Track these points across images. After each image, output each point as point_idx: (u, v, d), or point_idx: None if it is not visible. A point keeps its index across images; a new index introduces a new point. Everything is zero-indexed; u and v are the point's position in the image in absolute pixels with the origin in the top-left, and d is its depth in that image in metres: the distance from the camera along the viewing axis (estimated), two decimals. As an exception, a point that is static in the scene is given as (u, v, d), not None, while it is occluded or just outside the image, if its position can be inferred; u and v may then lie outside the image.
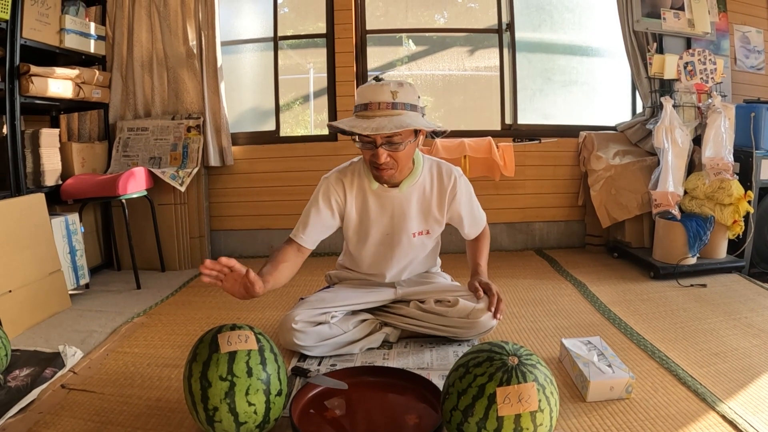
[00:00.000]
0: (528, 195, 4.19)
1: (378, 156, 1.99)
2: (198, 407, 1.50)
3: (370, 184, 2.18)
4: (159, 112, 3.97)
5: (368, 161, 2.08)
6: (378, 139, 1.96)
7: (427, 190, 2.24)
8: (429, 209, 2.25)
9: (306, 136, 4.44)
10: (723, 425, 1.65)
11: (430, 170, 2.25)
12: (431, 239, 2.36)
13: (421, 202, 2.24)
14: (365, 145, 2.02)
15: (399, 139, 1.97)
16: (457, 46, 4.34)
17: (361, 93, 2.03)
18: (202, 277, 1.77)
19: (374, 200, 2.22)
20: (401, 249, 2.29)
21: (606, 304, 2.84)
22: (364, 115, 1.98)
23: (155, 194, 3.71)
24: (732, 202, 3.29)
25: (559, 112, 4.36)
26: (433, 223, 2.28)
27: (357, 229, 2.28)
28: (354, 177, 2.22)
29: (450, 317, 2.21)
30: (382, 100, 1.96)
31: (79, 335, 2.56)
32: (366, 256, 2.34)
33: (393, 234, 2.26)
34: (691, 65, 3.66)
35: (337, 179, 2.22)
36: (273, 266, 2.04)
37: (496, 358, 1.42)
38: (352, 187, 2.21)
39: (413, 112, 2.00)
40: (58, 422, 1.74)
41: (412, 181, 2.18)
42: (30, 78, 2.94)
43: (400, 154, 2.02)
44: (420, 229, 2.27)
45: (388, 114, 1.95)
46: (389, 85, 1.99)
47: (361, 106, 2.00)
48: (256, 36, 4.28)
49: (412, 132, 2.02)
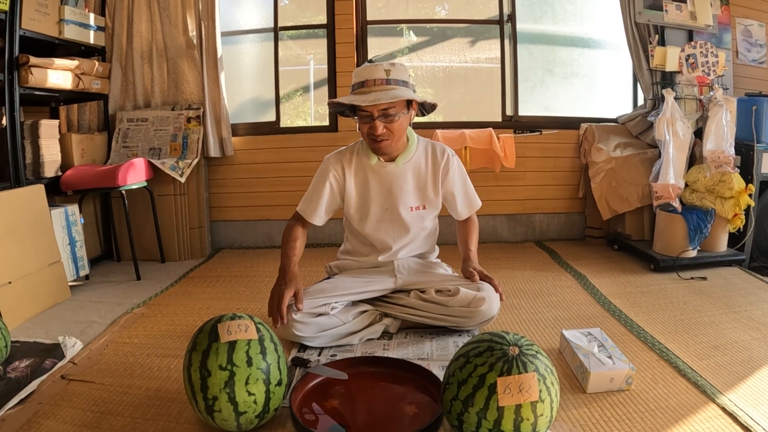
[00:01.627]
0: (528, 187, 4.18)
1: (375, 128, 2.15)
2: (197, 397, 1.50)
3: (369, 160, 2.33)
4: (159, 102, 3.95)
5: (366, 134, 2.23)
6: (375, 111, 2.14)
7: (422, 166, 2.38)
8: (425, 185, 2.38)
9: (306, 126, 4.43)
10: (722, 417, 1.65)
11: (425, 148, 2.41)
12: (428, 215, 2.43)
13: (417, 177, 2.38)
14: (363, 118, 2.19)
15: (394, 110, 2.15)
16: (458, 38, 4.32)
17: (357, 73, 2.22)
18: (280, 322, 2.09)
19: (373, 176, 2.35)
20: (401, 223, 2.38)
21: (606, 296, 2.84)
22: (361, 92, 2.16)
23: (155, 185, 3.70)
24: (733, 196, 3.28)
25: (560, 104, 4.34)
26: (428, 198, 2.39)
27: (358, 205, 2.39)
28: (353, 156, 2.38)
29: (451, 306, 2.22)
30: (377, 77, 2.15)
31: (79, 326, 2.56)
32: (369, 232, 2.41)
33: (392, 208, 2.36)
34: (693, 58, 3.65)
35: (337, 159, 2.38)
36: (291, 247, 2.30)
37: (497, 348, 1.42)
38: (350, 165, 2.36)
39: (405, 87, 2.19)
40: (57, 413, 1.74)
41: (407, 157, 2.34)
42: (29, 69, 2.93)
43: (395, 125, 2.19)
44: (417, 204, 2.38)
45: (383, 89, 2.14)
46: (382, 65, 2.19)
47: (358, 84, 2.19)
48: (256, 26, 4.26)
49: (405, 105, 2.21)
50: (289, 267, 2.22)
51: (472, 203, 2.51)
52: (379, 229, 2.40)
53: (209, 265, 3.72)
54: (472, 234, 2.50)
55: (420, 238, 2.47)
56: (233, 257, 3.92)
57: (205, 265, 3.72)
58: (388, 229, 2.40)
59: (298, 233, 2.35)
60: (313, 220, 2.36)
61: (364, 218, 2.38)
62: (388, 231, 2.40)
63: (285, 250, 2.29)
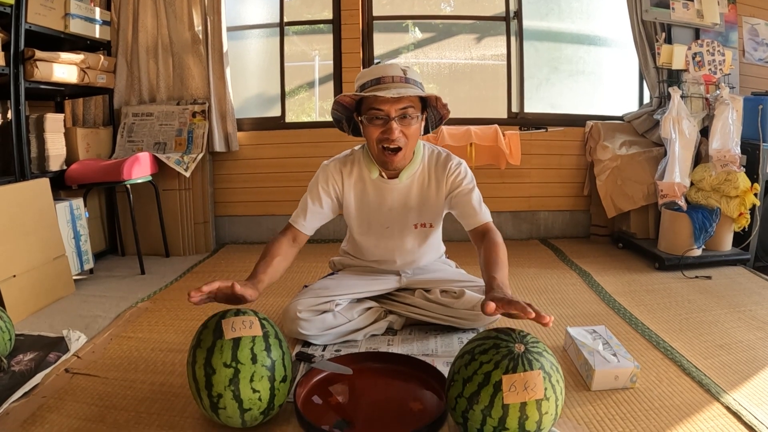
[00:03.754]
0: (533, 184, 4.17)
1: (391, 131, 1.95)
2: (202, 394, 1.48)
3: (370, 174, 2.16)
4: (164, 97, 3.95)
5: (377, 141, 2.01)
6: (392, 111, 1.94)
7: (426, 179, 2.20)
8: (428, 198, 2.20)
9: (311, 122, 4.42)
10: (727, 416, 1.64)
11: (430, 158, 2.21)
12: (433, 231, 2.32)
13: (420, 192, 2.20)
14: (375, 122, 1.98)
15: (413, 111, 1.97)
16: (463, 34, 4.31)
17: (368, 72, 2.02)
18: (190, 299, 1.58)
19: (373, 191, 2.20)
20: (403, 242, 2.28)
21: (611, 294, 2.84)
22: (378, 89, 1.94)
23: (160, 180, 3.71)
24: (738, 195, 3.27)
25: (565, 101, 4.33)
26: (433, 213, 2.24)
27: (357, 218, 2.26)
28: (353, 166, 2.20)
29: (455, 308, 2.22)
30: (395, 74, 1.97)
31: (83, 320, 2.57)
32: (370, 248, 2.34)
33: (392, 227, 2.24)
34: (700, 56, 3.64)
35: (336, 167, 2.19)
36: (266, 263, 1.92)
37: (503, 345, 1.42)
38: (350, 175, 2.19)
39: (421, 89, 2.01)
40: (61, 406, 1.74)
41: (411, 170, 2.15)
42: (35, 63, 2.93)
43: (411, 130, 2.00)
44: (421, 221, 2.24)
45: (404, 86, 1.95)
46: (398, 63, 2.02)
47: (373, 81, 1.97)
48: (261, 22, 4.26)
49: (420, 110, 2.01)
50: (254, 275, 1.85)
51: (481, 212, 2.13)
52: (378, 246, 2.31)
53: (214, 260, 3.73)
54: (491, 255, 1.97)
55: (424, 254, 2.38)
56: (238, 252, 3.92)
57: (209, 260, 3.72)
58: (389, 247, 2.29)
59: (282, 249, 2.03)
60: (307, 232, 2.15)
61: (365, 233, 2.29)
62: (390, 248, 2.30)
63: (257, 265, 1.92)
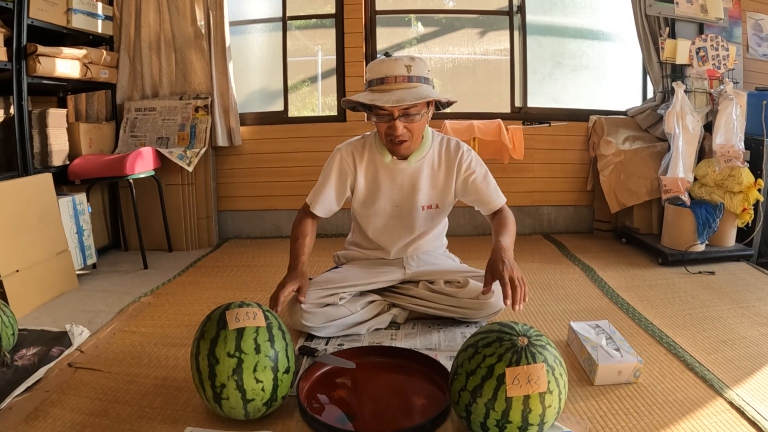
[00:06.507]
0: (537, 179, 4.17)
1: (395, 128, 2.05)
2: (205, 384, 1.50)
3: (382, 158, 2.23)
4: (167, 92, 3.95)
5: (384, 134, 2.12)
6: (396, 111, 2.02)
7: (435, 163, 2.27)
8: (439, 183, 2.29)
9: (314, 116, 4.41)
10: (730, 412, 1.64)
11: (440, 144, 2.30)
12: (440, 214, 2.37)
13: (431, 175, 2.27)
14: (382, 117, 2.07)
15: (416, 110, 2.04)
16: (466, 29, 4.29)
17: (375, 68, 2.08)
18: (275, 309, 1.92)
19: (385, 173, 2.27)
20: (409, 222, 2.32)
21: (614, 289, 2.83)
22: (381, 89, 2.02)
23: (163, 174, 3.71)
24: (742, 190, 3.26)
25: (569, 96, 4.31)
26: (442, 196, 2.31)
27: (364, 200, 2.32)
28: (365, 150, 2.28)
29: (460, 298, 2.22)
30: (399, 73, 2.02)
31: (86, 315, 2.57)
32: (373, 228, 2.37)
33: (402, 205, 2.30)
34: (704, 51, 3.62)
35: (349, 150, 2.28)
36: (302, 245, 2.19)
37: (506, 338, 1.41)
38: (362, 158, 2.27)
39: (426, 84, 2.07)
40: (64, 401, 1.74)
41: (420, 155, 2.23)
42: (37, 58, 2.93)
43: (415, 126, 2.09)
44: (429, 203, 2.30)
45: (406, 87, 2.01)
46: (402, 59, 2.05)
47: (378, 81, 2.04)
48: (264, 16, 4.25)
49: (425, 104, 2.09)
50: (298, 266, 2.13)
51: (495, 196, 2.30)
52: (386, 227, 2.35)
53: (216, 254, 3.73)
54: (502, 224, 2.20)
55: (427, 237, 2.41)
56: (240, 247, 3.92)
57: (212, 254, 3.73)
58: (395, 226, 2.34)
59: (308, 229, 2.26)
60: (322, 213, 2.29)
61: (369, 213, 2.34)
62: (395, 229, 2.34)
63: (293, 248, 2.20)
